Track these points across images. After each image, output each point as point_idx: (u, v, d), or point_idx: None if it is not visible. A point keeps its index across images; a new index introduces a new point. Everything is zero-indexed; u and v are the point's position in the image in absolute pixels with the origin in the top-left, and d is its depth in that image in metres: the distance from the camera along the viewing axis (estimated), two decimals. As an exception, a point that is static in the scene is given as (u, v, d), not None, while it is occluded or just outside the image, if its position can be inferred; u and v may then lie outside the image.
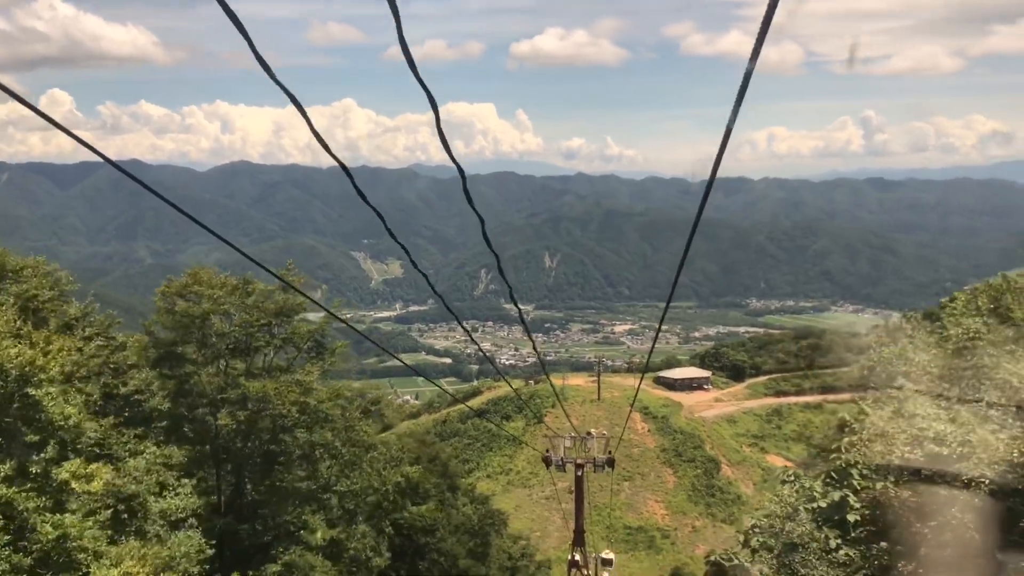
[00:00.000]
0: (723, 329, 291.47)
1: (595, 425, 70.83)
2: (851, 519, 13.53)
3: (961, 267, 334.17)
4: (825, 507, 14.05)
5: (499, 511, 49.50)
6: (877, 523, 13.18)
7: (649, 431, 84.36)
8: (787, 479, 16.42)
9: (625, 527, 71.82)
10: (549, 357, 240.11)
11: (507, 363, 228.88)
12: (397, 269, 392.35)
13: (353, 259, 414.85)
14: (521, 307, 8.91)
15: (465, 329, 10.13)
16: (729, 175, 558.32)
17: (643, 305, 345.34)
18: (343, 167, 4.52)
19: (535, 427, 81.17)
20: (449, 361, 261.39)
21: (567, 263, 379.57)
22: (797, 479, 16.11)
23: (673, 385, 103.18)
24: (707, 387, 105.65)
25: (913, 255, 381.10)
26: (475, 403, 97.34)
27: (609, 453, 22.44)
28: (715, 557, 17.24)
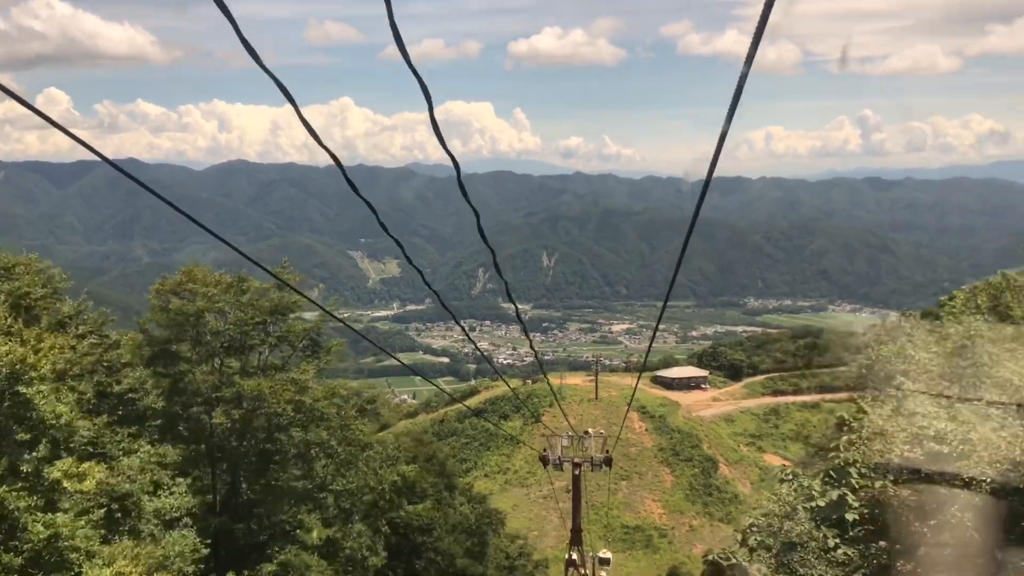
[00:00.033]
0: (721, 328, 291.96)
1: (592, 424, 70.81)
2: (850, 518, 13.45)
3: (959, 267, 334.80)
4: (823, 506, 13.97)
5: (496, 510, 49.39)
6: (876, 522, 13.09)
7: (646, 430, 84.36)
8: (785, 478, 16.34)
9: (622, 526, 71.82)
10: (547, 356, 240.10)
11: (505, 362, 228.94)
12: (394, 268, 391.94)
13: (350, 258, 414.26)
14: (519, 306, 8.80)
15: (462, 327, 10.02)
16: (726, 175, 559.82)
17: (641, 304, 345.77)
18: (332, 156, 4.39)
19: (533, 426, 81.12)
20: (447, 360, 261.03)
21: (565, 262, 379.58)
22: (795, 478, 16.02)
23: (671, 384, 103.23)
24: (704, 386, 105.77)
25: (910, 255, 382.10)
26: (473, 402, 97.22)
27: (606, 452, 22.36)
28: (713, 556, 17.17)
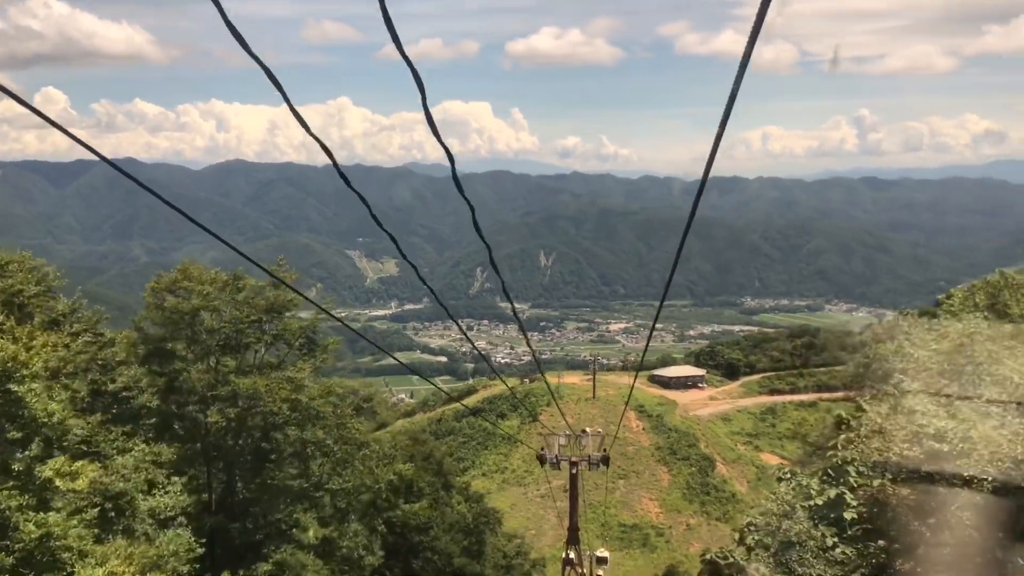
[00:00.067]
0: (718, 327, 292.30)
1: (590, 423, 70.84)
2: (848, 517, 13.39)
3: (955, 266, 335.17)
4: (822, 505, 13.91)
5: (494, 509, 49.26)
6: (874, 521, 13.03)
7: (644, 429, 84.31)
8: (783, 477, 16.28)
9: (620, 525, 71.76)
10: (544, 355, 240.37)
11: (502, 361, 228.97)
12: (392, 268, 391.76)
13: (348, 257, 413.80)
14: (517, 306, 8.76)
15: (459, 326, 9.98)
16: (723, 174, 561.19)
17: (638, 304, 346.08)
18: (323, 148, 4.29)
19: (530, 425, 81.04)
20: (444, 360, 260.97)
21: (562, 262, 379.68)
22: (793, 477, 15.96)
23: (668, 383, 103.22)
24: (702, 385, 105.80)
25: (907, 254, 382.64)
26: (470, 401, 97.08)
27: (604, 451, 22.32)
28: (711, 555, 17.10)
